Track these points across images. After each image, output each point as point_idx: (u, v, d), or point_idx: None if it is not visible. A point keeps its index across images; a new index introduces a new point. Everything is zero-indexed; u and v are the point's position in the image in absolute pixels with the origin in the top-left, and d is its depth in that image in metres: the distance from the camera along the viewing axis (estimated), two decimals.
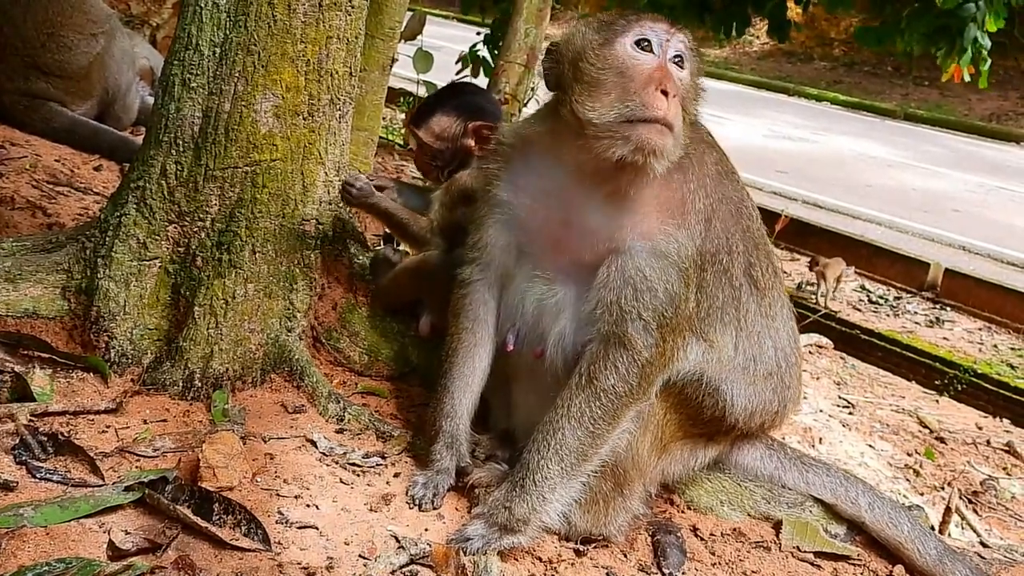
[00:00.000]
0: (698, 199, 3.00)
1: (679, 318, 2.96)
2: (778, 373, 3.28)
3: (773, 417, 3.37)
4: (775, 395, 3.29)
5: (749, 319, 3.20)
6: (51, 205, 5.24)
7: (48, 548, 2.54)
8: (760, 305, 3.23)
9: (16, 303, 3.52)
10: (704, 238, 3.02)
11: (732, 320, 3.16)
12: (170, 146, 3.55)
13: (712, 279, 3.08)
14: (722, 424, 3.21)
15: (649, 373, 2.96)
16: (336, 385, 3.71)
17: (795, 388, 3.38)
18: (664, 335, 2.94)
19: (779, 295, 3.32)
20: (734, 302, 3.16)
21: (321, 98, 3.64)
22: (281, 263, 3.63)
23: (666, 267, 2.92)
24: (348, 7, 3.62)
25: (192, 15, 3.53)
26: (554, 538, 3.09)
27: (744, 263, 3.17)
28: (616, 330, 2.93)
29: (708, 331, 3.11)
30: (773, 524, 3.42)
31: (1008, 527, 6.93)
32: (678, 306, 2.95)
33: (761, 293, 3.23)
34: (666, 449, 3.17)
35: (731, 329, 3.17)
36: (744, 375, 3.19)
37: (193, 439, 3.19)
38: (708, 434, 3.27)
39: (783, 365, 3.30)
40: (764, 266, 3.25)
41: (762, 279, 3.24)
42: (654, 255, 2.92)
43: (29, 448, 2.95)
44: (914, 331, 11.25)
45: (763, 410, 3.27)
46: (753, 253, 3.21)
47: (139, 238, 3.55)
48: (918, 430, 8.79)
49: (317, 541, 2.83)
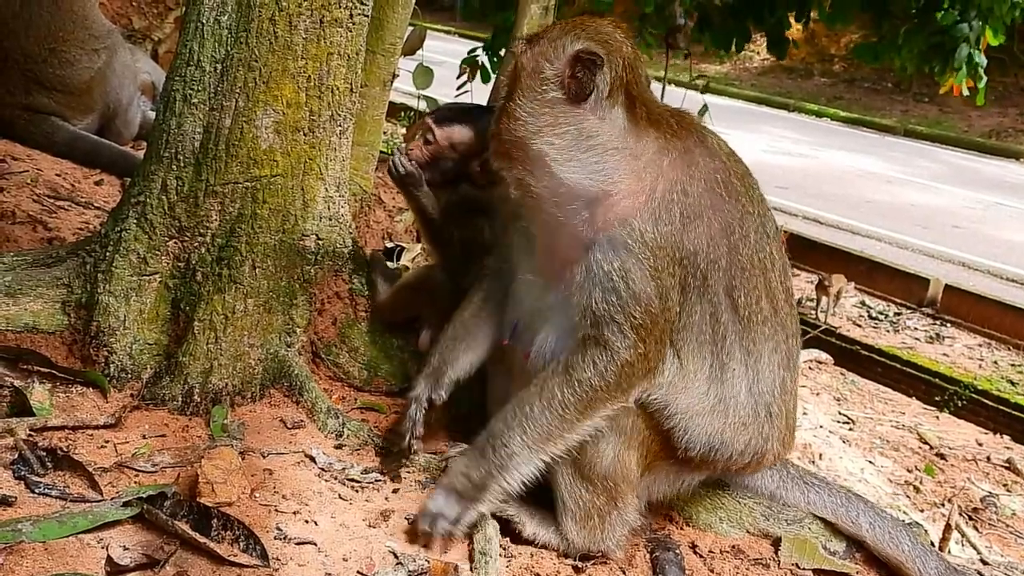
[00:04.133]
0: (671, 195, 2.98)
1: (654, 320, 2.96)
2: (755, 424, 3.15)
3: (744, 466, 3.24)
4: (747, 447, 3.16)
5: (726, 347, 3.09)
6: (52, 219, 5.25)
7: (46, 564, 2.55)
8: (742, 338, 3.10)
9: (16, 317, 3.52)
10: (678, 233, 2.98)
11: (708, 343, 3.08)
12: (171, 161, 3.56)
13: (690, 283, 3.04)
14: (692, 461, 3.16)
15: (630, 375, 2.97)
16: (335, 400, 3.71)
17: (775, 441, 3.22)
18: (643, 337, 2.95)
19: (772, 334, 3.15)
20: (711, 321, 3.07)
21: (322, 114, 3.65)
22: (281, 278, 3.64)
23: (625, 259, 2.94)
24: (349, 24, 3.64)
25: (194, 31, 3.54)
26: (552, 555, 3.10)
27: (726, 283, 3.06)
28: (593, 332, 2.98)
29: (681, 347, 3.08)
30: (772, 541, 3.42)
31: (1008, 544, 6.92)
32: (647, 306, 2.94)
33: (744, 323, 3.10)
34: (651, 468, 3.16)
35: (706, 354, 3.09)
36: (712, 417, 3.10)
37: (192, 454, 3.19)
38: (689, 463, 3.21)
39: (761, 414, 3.16)
40: (752, 296, 3.10)
41: (746, 307, 3.09)
42: (612, 246, 2.96)
43: (28, 463, 2.96)
44: (914, 347, 11.25)
45: (728, 459, 3.15)
46: (739, 277, 3.07)
47: (139, 253, 3.56)
48: (918, 446, 8.79)
49: (315, 557, 2.83)
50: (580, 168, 3.00)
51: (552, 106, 3.00)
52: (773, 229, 3.21)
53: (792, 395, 3.23)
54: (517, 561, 3.03)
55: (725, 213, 3.07)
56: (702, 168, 3.08)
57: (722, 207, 3.07)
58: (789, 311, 3.20)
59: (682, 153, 3.07)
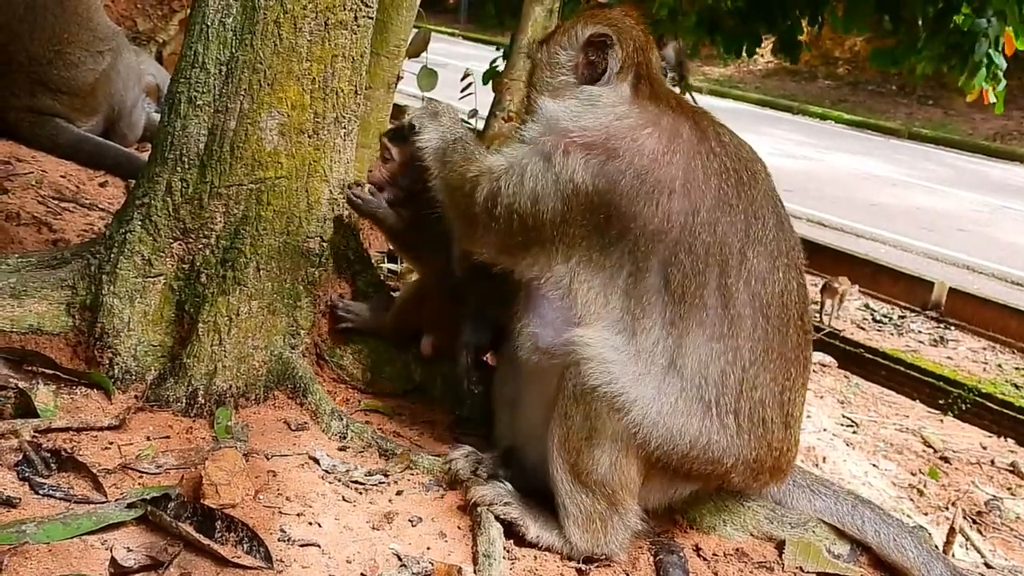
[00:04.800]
0: (632, 158, 3.03)
1: (538, 222, 3.10)
2: (694, 408, 3.01)
3: (707, 466, 3.08)
4: (696, 439, 3.01)
5: (643, 305, 3.03)
6: (56, 221, 5.27)
7: (50, 565, 2.55)
8: (667, 308, 3.02)
9: (21, 319, 3.53)
10: (617, 196, 3.02)
11: (620, 291, 3.06)
12: (175, 163, 3.57)
13: (612, 236, 3.05)
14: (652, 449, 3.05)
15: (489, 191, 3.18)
16: (339, 402, 3.71)
17: (735, 442, 3.05)
18: (517, 225, 3.13)
19: (712, 324, 3.02)
20: (629, 279, 3.04)
21: (326, 116, 3.66)
22: (285, 280, 3.64)
23: (546, 170, 3.09)
24: (354, 26, 3.64)
25: (199, 33, 3.55)
26: (556, 558, 3.09)
27: (664, 256, 3.00)
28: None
29: (588, 278, 3.11)
30: (776, 544, 3.41)
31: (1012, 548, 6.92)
32: (539, 208, 3.09)
33: (672, 297, 3.00)
34: (648, 476, 3.14)
35: (614, 298, 3.06)
36: (636, 371, 3.00)
37: (196, 456, 3.19)
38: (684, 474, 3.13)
39: (692, 396, 3.01)
40: (693, 281, 3.00)
41: (679, 286, 3.00)
42: (543, 157, 3.10)
43: (32, 464, 2.96)
44: (918, 350, 11.25)
45: (685, 453, 3.02)
46: (683, 256, 3.00)
47: (144, 255, 3.56)
48: (922, 449, 8.79)
49: (319, 559, 2.83)
50: (564, 110, 3.17)
51: (567, 86, 3.28)
52: (768, 236, 3.12)
53: (748, 400, 3.05)
54: (521, 563, 3.03)
55: (696, 194, 3.03)
56: (685, 145, 3.07)
57: (695, 187, 3.04)
58: (752, 315, 3.05)
59: (669, 127, 3.10)
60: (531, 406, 3.32)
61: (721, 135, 3.18)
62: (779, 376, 3.10)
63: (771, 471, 3.18)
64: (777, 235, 3.14)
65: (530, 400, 3.32)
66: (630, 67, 3.24)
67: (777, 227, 3.16)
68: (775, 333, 3.09)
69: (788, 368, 3.13)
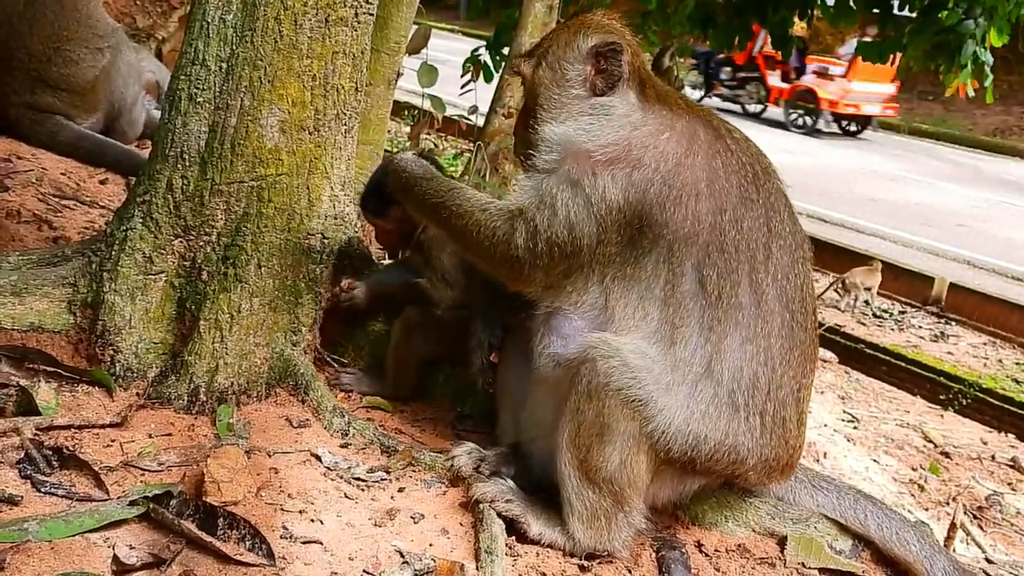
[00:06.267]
0: (657, 165, 3.03)
1: (576, 249, 3.07)
2: (722, 411, 3.01)
3: (728, 467, 3.10)
4: (721, 442, 3.02)
5: (680, 313, 3.02)
6: (57, 218, 5.26)
7: (53, 563, 2.55)
8: (704, 313, 3.01)
9: (22, 317, 3.53)
10: (648, 204, 3.01)
11: (657, 301, 3.04)
12: (176, 160, 3.56)
13: (645, 245, 3.04)
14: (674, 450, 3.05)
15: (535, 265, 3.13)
16: (340, 399, 3.71)
17: (756, 442, 3.07)
18: (557, 256, 3.10)
19: (747, 324, 3.03)
20: (666, 286, 3.03)
21: (327, 113, 3.65)
22: (287, 277, 3.64)
23: (576, 195, 3.06)
24: (354, 23, 3.64)
25: (199, 30, 3.55)
26: (558, 554, 3.09)
27: (696, 259, 3.01)
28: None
29: (622, 293, 3.09)
30: (778, 540, 3.41)
31: (1013, 543, 6.92)
32: (577, 234, 3.06)
33: (710, 300, 3.01)
34: (658, 473, 3.14)
35: (651, 309, 3.05)
36: (672, 384, 3.00)
37: (198, 453, 3.19)
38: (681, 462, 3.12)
39: (723, 399, 3.01)
40: (727, 280, 3.02)
41: (716, 288, 3.01)
42: (570, 183, 3.07)
43: (34, 462, 2.96)
44: (919, 345, 11.26)
45: (709, 456, 3.02)
46: (715, 256, 3.01)
47: (145, 252, 3.56)
48: (923, 445, 8.80)
49: (321, 556, 2.83)
50: (576, 127, 3.16)
51: (577, 101, 3.24)
52: (785, 229, 3.15)
53: (774, 400, 3.07)
54: (523, 560, 3.03)
55: (720, 193, 3.06)
56: (704, 145, 3.10)
57: (719, 186, 3.06)
58: (780, 312, 3.08)
59: (685, 129, 3.11)
60: (541, 402, 3.30)
61: (732, 131, 3.22)
62: (798, 373, 3.13)
63: (784, 468, 3.20)
64: (792, 228, 3.18)
65: (541, 396, 3.31)
66: (634, 72, 3.25)
67: (791, 220, 3.20)
68: (798, 328, 3.12)
69: (805, 364, 3.16)
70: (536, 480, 3.31)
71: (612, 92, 3.21)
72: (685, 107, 3.22)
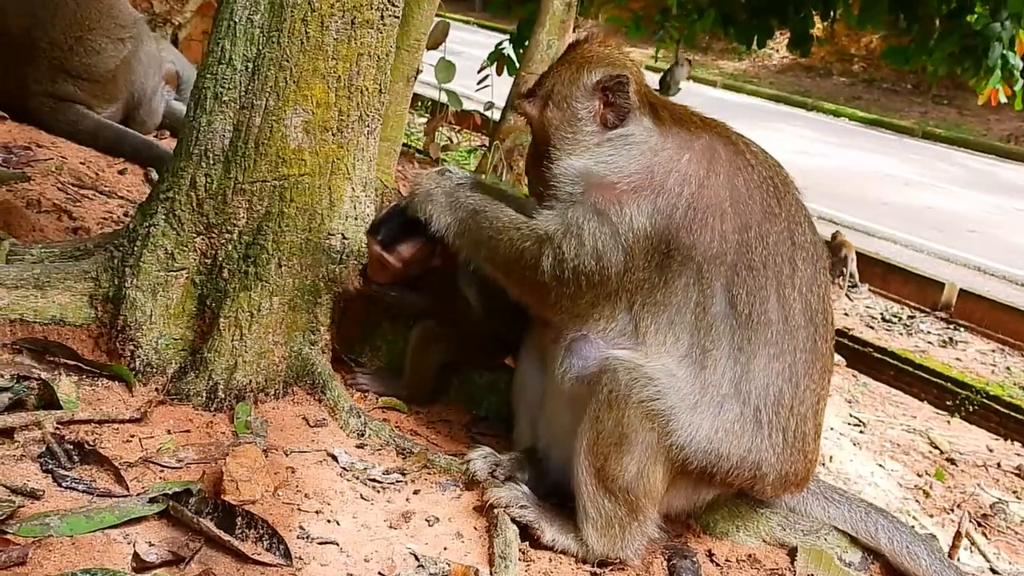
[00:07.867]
0: (680, 188, 3.04)
1: (604, 278, 3.08)
2: (747, 429, 3.06)
3: (747, 481, 3.15)
4: (743, 459, 3.07)
5: (711, 336, 3.05)
6: (76, 208, 5.29)
7: (74, 558, 2.58)
8: (735, 333, 3.05)
9: (44, 310, 3.56)
10: (675, 227, 3.03)
11: (689, 325, 3.07)
12: (200, 158, 3.59)
13: (675, 269, 3.06)
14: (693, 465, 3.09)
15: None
16: (357, 400, 3.74)
17: (775, 457, 3.11)
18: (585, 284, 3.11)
19: (775, 341, 3.07)
20: (697, 309, 3.06)
21: (351, 114, 3.68)
22: (306, 277, 3.66)
23: (603, 225, 3.06)
24: (380, 25, 3.66)
25: (226, 29, 3.57)
26: (571, 561, 3.12)
27: (726, 278, 3.05)
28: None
29: (652, 320, 3.11)
30: (788, 551, 3.43)
31: (1017, 551, 6.92)
32: (606, 263, 3.07)
33: (740, 320, 3.05)
34: (673, 482, 3.17)
35: (681, 334, 3.07)
36: (698, 405, 3.04)
37: (216, 451, 3.22)
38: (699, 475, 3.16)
39: (748, 417, 3.06)
40: (756, 297, 3.06)
41: (746, 306, 3.05)
42: (597, 213, 3.07)
43: (55, 456, 2.99)
44: (927, 351, 11.24)
45: (728, 471, 3.07)
46: (744, 274, 3.05)
47: (167, 249, 3.59)
48: (929, 451, 8.79)
49: (337, 557, 2.86)
50: (595, 160, 3.16)
51: (592, 136, 3.24)
52: (806, 239, 3.17)
53: (796, 415, 3.11)
54: (536, 566, 3.06)
55: (744, 210, 3.08)
56: (724, 163, 3.11)
57: (742, 203, 3.09)
58: (806, 325, 3.12)
59: (705, 149, 3.12)
60: (559, 410, 3.33)
61: (749, 145, 3.23)
62: (818, 386, 3.18)
63: (800, 481, 3.25)
64: (813, 239, 3.21)
65: (559, 404, 3.33)
66: (643, 98, 3.26)
67: (812, 231, 3.23)
68: (820, 340, 3.17)
69: (824, 376, 3.21)
70: (550, 486, 3.34)
71: (625, 123, 3.21)
72: (701, 124, 3.23)
